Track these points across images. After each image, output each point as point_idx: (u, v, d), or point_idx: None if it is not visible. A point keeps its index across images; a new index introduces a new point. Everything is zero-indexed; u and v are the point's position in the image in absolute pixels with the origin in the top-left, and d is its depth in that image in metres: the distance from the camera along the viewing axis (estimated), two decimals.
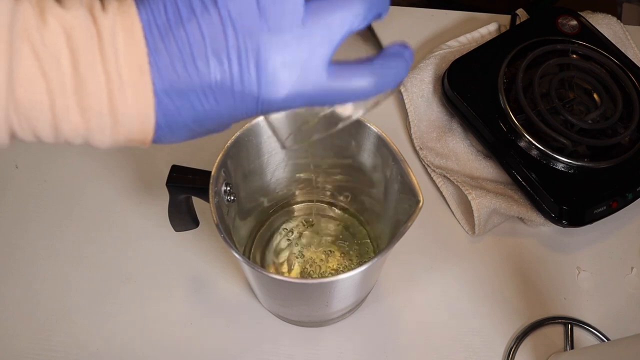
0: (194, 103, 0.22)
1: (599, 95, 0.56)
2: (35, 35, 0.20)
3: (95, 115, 0.21)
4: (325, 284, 0.38)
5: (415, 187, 0.37)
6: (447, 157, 0.57)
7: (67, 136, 0.22)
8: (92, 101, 0.21)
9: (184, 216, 0.46)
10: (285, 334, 0.49)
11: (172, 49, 0.21)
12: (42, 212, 0.55)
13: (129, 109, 0.22)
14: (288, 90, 0.22)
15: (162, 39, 0.21)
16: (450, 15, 0.70)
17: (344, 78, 0.23)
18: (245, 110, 0.23)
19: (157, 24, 0.21)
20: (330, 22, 0.22)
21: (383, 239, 0.49)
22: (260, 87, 0.22)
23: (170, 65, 0.21)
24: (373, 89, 0.24)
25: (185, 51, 0.21)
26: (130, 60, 0.21)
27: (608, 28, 0.64)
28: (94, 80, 0.21)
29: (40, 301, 0.50)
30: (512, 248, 0.54)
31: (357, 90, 0.24)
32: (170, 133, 0.23)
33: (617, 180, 0.52)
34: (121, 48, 0.21)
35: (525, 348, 0.49)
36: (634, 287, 0.53)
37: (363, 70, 0.24)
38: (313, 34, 0.22)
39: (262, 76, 0.22)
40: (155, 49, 0.21)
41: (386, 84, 0.25)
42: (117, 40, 0.21)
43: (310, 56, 0.22)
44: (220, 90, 0.22)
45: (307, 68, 0.22)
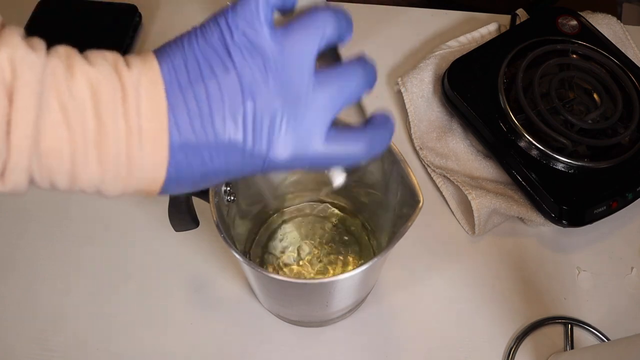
0: (205, 160, 0.23)
1: (599, 95, 0.56)
2: (63, 88, 0.21)
3: (112, 166, 0.22)
4: (325, 284, 0.38)
5: (415, 187, 0.37)
6: (447, 157, 0.57)
7: (81, 185, 0.23)
8: (111, 152, 0.22)
9: (184, 216, 0.46)
10: (285, 334, 0.49)
11: (191, 107, 0.22)
12: (42, 212, 0.55)
13: (145, 162, 0.23)
14: (293, 153, 0.24)
15: (183, 96, 0.22)
16: (450, 15, 0.70)
17: (340, 143, 0.25)
18: (251, 169, 0.24)
19: (179, 81, 0.22)
20: (335, 92, 0.24)
21: (383, 240, 0.49)
22: (269, 150, 0.24)
23: (189, 123, 0.22)
24: (365, 155, 0.26)
25: (204, 110, 0.22)
26: (151, 115, 0.22)
27: (608, 28, 0.64)
28: (115, 132, 0.22)
29: (39, 301, 0.50)
30: (512, 248, 0.54)
31: (351, 155, 0.26)
32: (176, 186, 0.24)
33: (617, 180, 0.52)
34: (143, 103, 0.22)
35: (525, 348, 0.49)
36: (634, 287, 0.53)
37: (357, 137, 0.26)
38: (319, 102, 0.24)
39: (273, 139, 0.23)
40: (176, 106, 0.22)
41: (375, 151, 0.27)
42: (140, 95, 0.22)
43: (315, 122, 0.24)
44: (232, 149, 0.23)
45: (312, 133, 0.24)
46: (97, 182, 0.23)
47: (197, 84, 0.22)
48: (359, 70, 0.25)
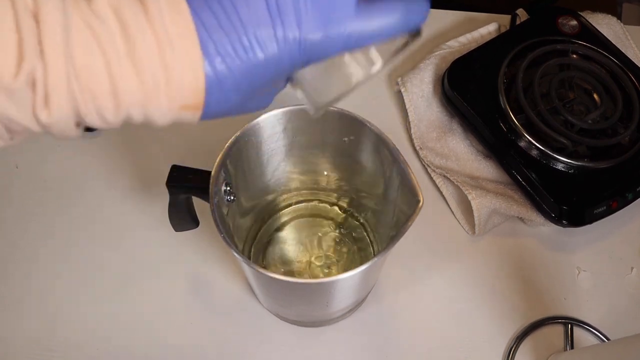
0: (240, 55, 0.23)
1: (599, 95, 0.56)
2: (85, 9, 0.21)
3: (149, 75, 0.22)
4: (325, 284, 0.38)
5: (415, 187, 0.37)
6: (447, 157, 0.57)
7: (127, 105, 0.22)
8: (144, 61, 0.22)
9: (184, 216, 0.46)
10: (285, 334, 0.49)
11: (213, 3, 0.23)
12: (42, 212, 0.55)
13: (180, 66, 0.22)
14: (326, 32, 0.24)
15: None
16: (450, 15, 0.70)
17: (372, 13, 0.25)
18: (289, 57, 0.24)
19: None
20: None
21: (383, 239, 0.49)
22: (301, 28, 0.23)
23: (214, 19, 0.23)
24: (402, 25, 0.26)
25: (227, 3, 0.23)
26: (175, 19, 0.22)
27: (608, 28, 0.64)
28: (144, 40, 0.22)
29: (39, 301, 0.50)
30: (512, 248, 0.54)
31: (386, 25, 0.25)
32: (221, 94, 0.24)
33: (617, 180, 0.52)
34: (165, 8, 0.22)
35: (525, 348, 0.49)
36: (634, 287, 0.53)
37: (391, 6, 0.25)
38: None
39: (301, 16, 0.23)
40: (198, 6, 0.23)
41: (412, 21, 0.26)
42: (160, 2, 0.22)
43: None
44: (264, 36, 0.23)
45: (340, 8, 0.24)
46: (141, 98, 0.22)
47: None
48: None
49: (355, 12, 0.24)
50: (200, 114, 0.24)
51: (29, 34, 0.20)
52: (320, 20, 0.24)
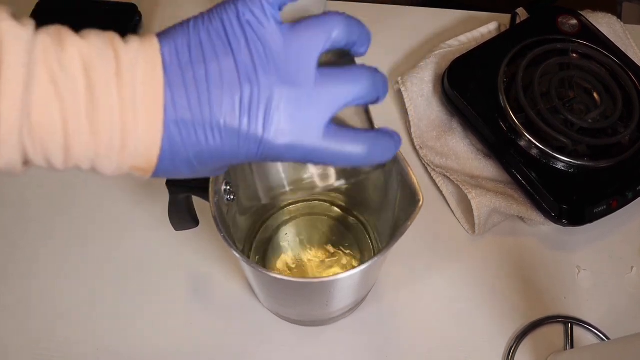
0: (200, 138, 0.23)
1: (599, 94, 0.56)
2: (52, 60, 0.21)
3: (106, 139, 0.22)
4: (325, 284, 0.38)
5: (415, 186, 0.37)
6: (447, 156, 0.57)
7: (76, 159, 0.23)
8: (104, 124, 0.22)
9: (183, 215, 0.46)
10: (285, 334, 0.49)
11: (189, 85, 0.23)
12: (42, 212, 0.55)
13: (139, 136, 0.23)
14: (288, 141, 0.24)
15: (182, 73, 0.23)
16: (450, 15, 0.70)
17: (339, 140, 0.25)
18: (246, 152, 0.24)
19: (180, 60, 0.23)
20: (337, 89, 0.25)
21: (383, 239, 0.49)
22: (265, 133, 0.24)
23: (186, 100, 0.23)
24: (364, 158, 0.26)
25: (202, 89, 0.23)
26: (147, 90, 0.22)
27: (608, 27, 0.64)
28: (108, 103, 0.22)
29: (39, 301, 0.50)
30: (512, 247, 0.54)
31: (350, 155, 0.26)
32: (171, 166, 0.24)
33: (617, 180, 0.52)
34: (139, 77, 0.22)
35: (525, 347, 0.49)
36: (634, 286, 0.53)
37: (358, 137, 0.26)
38: (320, 95, 0.24)
39: (268, 123, 0.24)
40: (174, 82, 0.23)
41: (376, 156, 0.27)
42: (136, 69, 0.22)
43: (314, 114, 0.24)
44: (227, 129, 0.23)
45: (309, 124, 0.24)
46: (92, 156, 0.23)
47: (197, 65, 0.23)
48: (366, 73, 0.26)
49: (324, 135, 0.25)
50: (149, 176, 0.25)
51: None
52: (287, 132, 0.24)
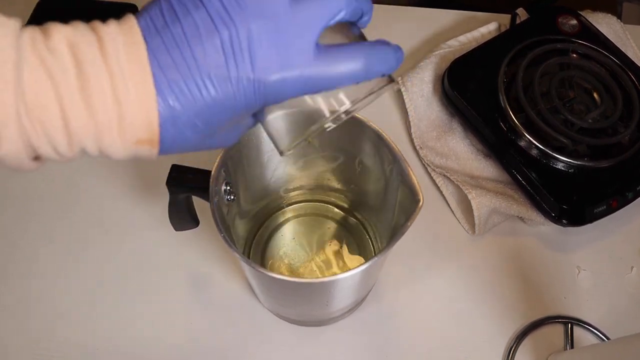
0: (194, 93, 0.23)
1: (599, 94, 0.56)
2: (40, 44, 0.22)
3: (101, 110, 0.22)
4: (325, 284, 0.38)
5: (415, 186, 0.37)
6: (447, 156, 0.57)
7: (80, 139, 0.23)
8: (97, 97, 0.22)
9: (184, 216, 0.46)
10: (285, 334, 0.49)
11: (169, 44, 0.23)
12: (42, 212, 0.55)
13: (133, 102, 0.23)
14: (280, 73, 0.24)
15: (160, 36, 0.23)
16: (450, 15, 0.70)
17: (332, 58, 0.25)
18: (244, 98, 0.24)
19: (155, 25, 0.23)
20: (313, 8, 0.25)
21: (383, 239, 0.49)
22: (255, 70, 0.24)
23: (170, 58, 0.23)
24: (362, 71, 0.25)
25: (183, 44, 0.23)
26: (131, 57, 0.23)
27: (608, 27, 0.64)
28: (97, 76, 0.22)
29: (40, 301, 0.50)
30: (512, 247, 0.54)
31: (347, 71, 0.25)
32: (176, 131, 0.24)
33: (617, 180, 0.52)
34: (121, 48, 0.23)
35: (525, 347, 0.49)
36: (634, 286, 0.53)
37: (350, 50, 0.25)
38: (297, 19, 0.24)
39: (255, 59, 0.23)
40: (154, 46, 0.23)
41: (375, 66, 0.26)
42: (117, 42, 0.23)
43: (297, 38, 0.24)
44: (217, 76, 0.23)
45: (295, 50, 0.24)
46: (93, 132, 0.23)
47: (173, 24, 0.23)
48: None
49: (314, 56, 0.24)
50: (157, 149, 0.25)
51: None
52: (276, 62, 0.24)
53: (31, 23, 0.67)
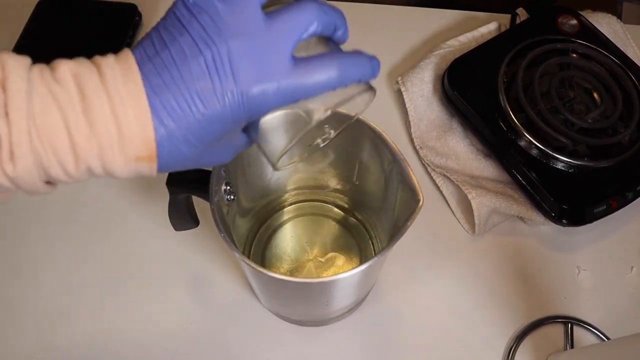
0: (185, 109, 0.26)
1: (599, 94, 0.56)
2: (48, 77, 0.25)
3: (103, 130, 0.25)
4: (325, 284, 0.38)
5: (415, 186, 0.37)
6: (447, 156, 0.57)
7: (85, 158, 0.25)
8: (98, 118, 0.25)
9: (184, 215, 0.46)
10: (285, 334, 0.49)
11: (160, 67, 0.26)
12: (43, 212, 0.55)
13: (131, 121, 0.25)
14: (261, 85, 0.26)
15: (152, 61, 0.26)
16: (450, 15, 0.70)
17: (308, 68, 0.27)
18: (230, 111, 0.26)
19: (147, 53, 0.26)
20: (286, 23, 0.27)
21: (383, 239, 0.49)
22: (237, 84, 0.26)
23: (161, 80, 0.26)
24: (337, 78, 0.27)
25: (171, 66, 0.26)
26: (127, 81, 0.25)
27: (608, 27, 0.64)
28: (98, 99, 0.25)
29: (41, 301, 0.50)
30: (512, 247, 0.54)
31: (322, 79, 0.27)
32: (172, 147, 0.26)
33: (617, 180, 0.52)
34: (118, 75, 0.25)
35: (525, 347, 0.49)
36: (634, 286, 0.53)
37: (325, 59, 0.28)
38: (273, 34, 0.26)
39: (237, 74, 0.26)
40: (147, 70, 0.26)
41: (349, 72, 0.28)
42: (114, 70, 0.25)
43: (273, 52, 0.26)
44: (204, 92, 0.26)
45: (273, 63, 0.26)
46: (97, 152, 0.25)
47: (162, 50, 0.26)
48: (310, 3, 0.28)
49: (291, 67, 0.27)
50: (155, 165, 0.27)
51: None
52: (255, 75, 0.26)
53: (31, 22, 0.67)
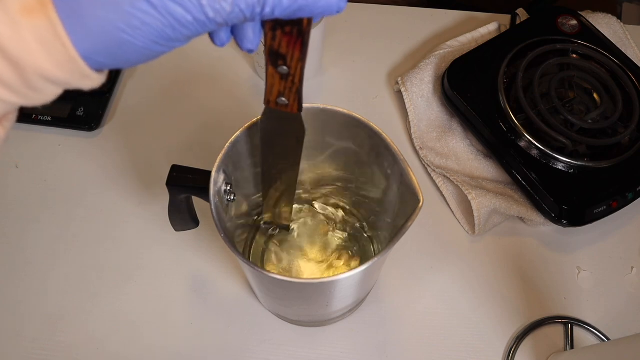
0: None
1: (599, 94, 0.56)
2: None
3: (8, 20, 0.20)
4: (325, 284, 0.38)
5: (415, 187, 0.37)
6: (447, 156, 0.57)
7: (17, 59, 0.21)
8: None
9: (184, 216, 0.46)
10: (285, 334, 0.49)
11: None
12: (42, 212, 0.55)
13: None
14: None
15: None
16: (450, 15, 0.70)
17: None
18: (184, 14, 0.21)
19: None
20: None
21: (383, 239, 0.49)
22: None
23: None
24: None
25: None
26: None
27: (608, 28, 0.64)
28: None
29: (40, 301, 0.50)
30: (512, 248, 0.54)
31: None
32: (86, 34, 0.21)
33: (617, 180, 0.52)
34: None
35: (525, 348, 0.49)
36: (634, 286, 0.53)
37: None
38: None
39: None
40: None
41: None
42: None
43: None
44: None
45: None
46: (23, 50, 0.20)
47: None
48: None
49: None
50: (56, 17, 0.21)
51: None
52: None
53: None
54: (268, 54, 0.29)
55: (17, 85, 0.22)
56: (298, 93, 0.32)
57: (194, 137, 0.59)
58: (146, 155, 0.58)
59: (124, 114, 0.61)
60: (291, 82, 0.31)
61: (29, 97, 0.23)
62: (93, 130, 0.59)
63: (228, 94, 0.63)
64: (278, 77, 0.31)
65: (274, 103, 0.33)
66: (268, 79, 0.31)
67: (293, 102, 0.33)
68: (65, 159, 0.58)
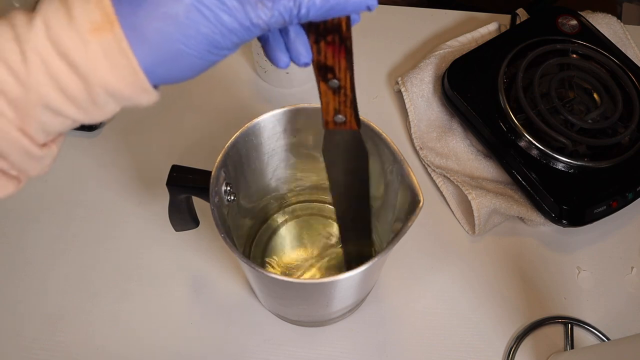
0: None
1: (599, 94, 0.56)
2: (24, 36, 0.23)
3: (83, 34, 0.22)
4: (325, 284, 0.38)
5: (415, 187, 0.37)
6: (447, 156, 0.57)
7: (86, 75, 0.23)
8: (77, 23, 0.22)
9: (184, 216, 0.46)
10: (285, 334, 0.49)
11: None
12: (43, 212, 0.55)
13: (94, 17, 0.22)
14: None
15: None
16: (450, 15, 0.70)
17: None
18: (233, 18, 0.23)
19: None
20: None
21: (383, 239, 0.49)
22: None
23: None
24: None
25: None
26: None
27: (608, 28, 0.64)
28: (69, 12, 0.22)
29: (40, 301, 0.50)
30: (512, 248, 0.54)
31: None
32: (148, 49, 0.23)
33: (617, 180, 0.52)
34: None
35: (525, 348, 0.49)
36: (634, 286, 0.53)
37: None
38: None
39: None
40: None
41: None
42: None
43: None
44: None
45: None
46: (91, 66, 0.23)
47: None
48: None
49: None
50: (120, 33, 0.23)
51: None
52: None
53: None
54: (317, 70, 0.29)
55: (83, 100, 0.24)
56: (353, 106, 0.32)
57: (194, 137, 0.59)
58: (146, 155, 0.58)
59: (124, 114, 0.61)
60: (344, 95, 0.31)
61: (90, 113, 0.25)
62: (93, 130, 0.59)
63: (228, 94, 0.63)
64: (331, 93, 0.31)
65: (332, 123, 0.33)
66: (322, 99, 0.31)
67: (350, 117, 0.32)
68: (65, 159, 0.58)
